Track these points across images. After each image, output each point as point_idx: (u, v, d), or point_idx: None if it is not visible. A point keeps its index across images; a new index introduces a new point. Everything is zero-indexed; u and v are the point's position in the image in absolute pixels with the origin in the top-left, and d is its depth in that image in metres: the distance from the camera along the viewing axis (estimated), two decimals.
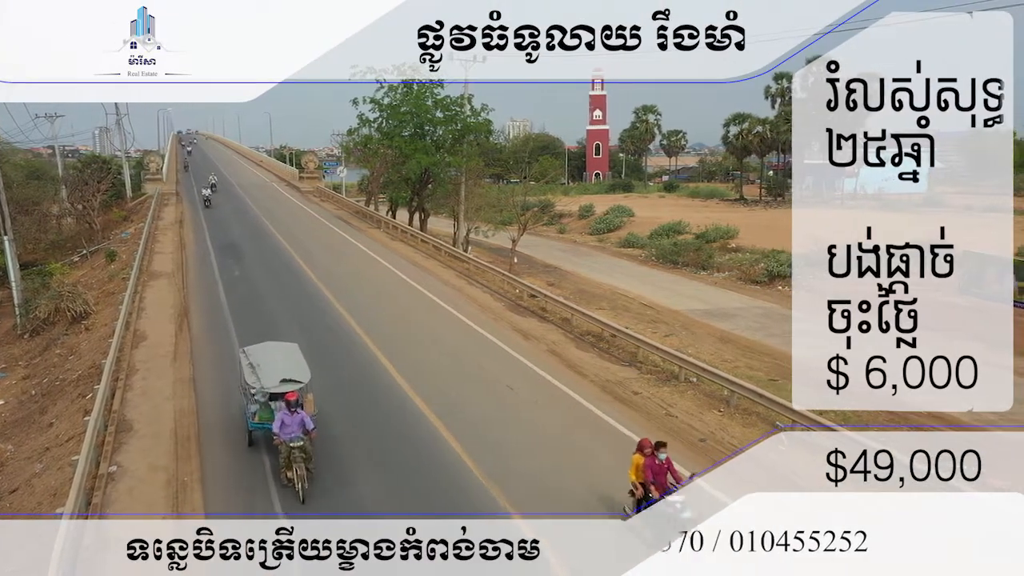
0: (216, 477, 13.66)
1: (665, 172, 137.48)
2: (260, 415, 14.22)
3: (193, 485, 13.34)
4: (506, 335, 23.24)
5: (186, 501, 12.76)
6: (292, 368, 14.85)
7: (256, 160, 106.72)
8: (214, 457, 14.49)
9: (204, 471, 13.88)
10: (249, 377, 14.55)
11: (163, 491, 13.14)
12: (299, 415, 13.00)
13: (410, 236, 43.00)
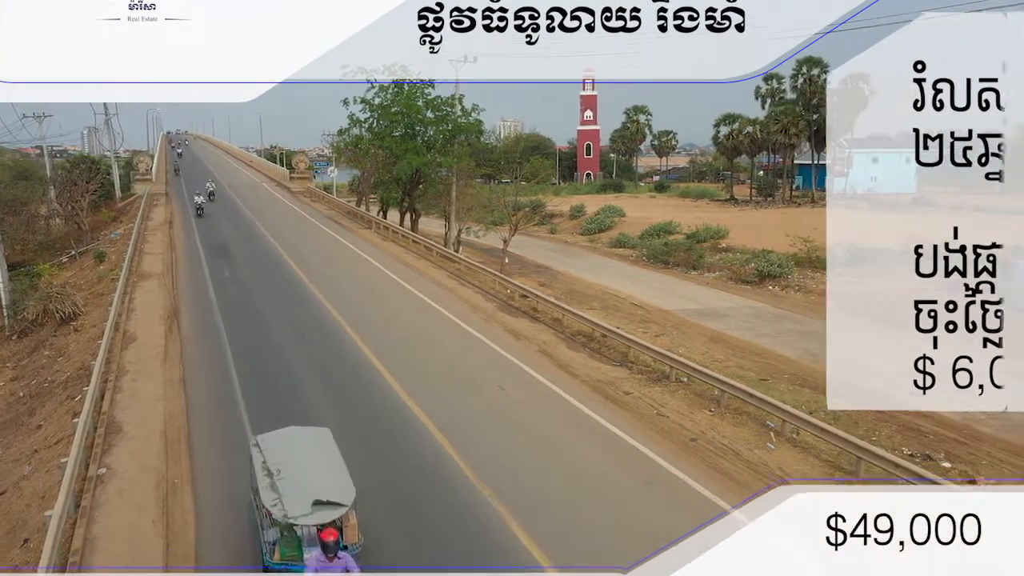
0: (207, 479, 13.61)
1: (656, 172, 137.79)
2: (282, 551, 9.78)
3: (183, 487, 13.29)
4: (497, 335, 23.25)
5: (176, 503, 12.70)
6: (329, 480, 10.14)
7: (246, 160, 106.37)
8: (205, 459, 14.44)
9: (195, 473, 13.83)
10: (266, 494, 9.83)
11: (153, 493, 13.08)
12: (342, 562, 8.77)
13: (401, 237, 42.95)
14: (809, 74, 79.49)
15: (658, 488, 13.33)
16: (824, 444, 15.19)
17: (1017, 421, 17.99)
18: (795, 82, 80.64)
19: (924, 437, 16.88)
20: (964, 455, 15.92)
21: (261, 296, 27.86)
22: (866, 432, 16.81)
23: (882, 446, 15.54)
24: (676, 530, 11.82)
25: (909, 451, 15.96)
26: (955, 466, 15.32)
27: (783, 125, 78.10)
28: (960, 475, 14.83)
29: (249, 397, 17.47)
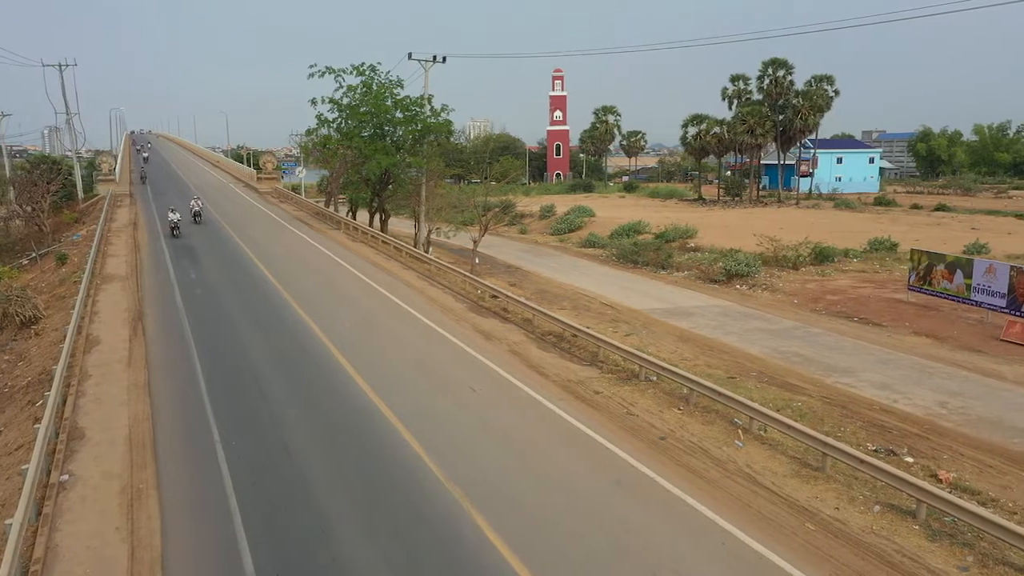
0: (173, 484, 13.41)
1: (625, 172, 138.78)
2: None
3: (149, 492, 13.07)
4: (468, 336, 23.22)
5: (142, 509, 12.50)
6: None
7: (212, 161, 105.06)
8: (171, 464, 14.22)
9: (160, 478, 13.61)
10: None
11: (117, 499, 12.85)
12: None
13: (371, 237, 42.71)
14: (775, 75, 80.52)
15: (628, 487, 13.40)
16: (791, 441, 15.40)
17: (976, 416, 18.40)
18: (761, 83, 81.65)
19: (888, 433, 17.17)
20: (926, 450, 16.21)
21: (228, 298, 27.53)
22: (832, 428, 17.06)
23: (847, 442, 15.79)
24: (646, 529, 11.97)
25: (874, 447, 16.21)
26: (918, 461, 15.60)
27: (749, 126, 78.98)
28: (923, 470, 15.11)
29: (216, 401, 17.24)
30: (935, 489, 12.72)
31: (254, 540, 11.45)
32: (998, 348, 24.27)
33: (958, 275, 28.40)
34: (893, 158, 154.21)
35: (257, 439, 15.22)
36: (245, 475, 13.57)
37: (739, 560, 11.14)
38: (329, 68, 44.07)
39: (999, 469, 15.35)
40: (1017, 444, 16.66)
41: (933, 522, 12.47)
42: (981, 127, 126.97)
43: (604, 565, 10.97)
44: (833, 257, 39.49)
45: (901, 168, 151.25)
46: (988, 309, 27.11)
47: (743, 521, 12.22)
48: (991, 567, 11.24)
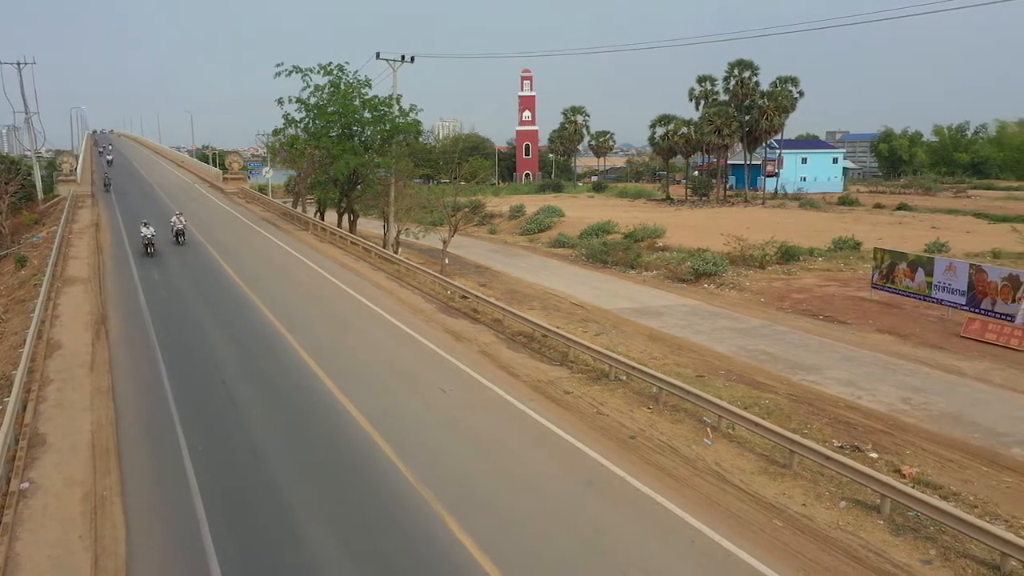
0: (138, 490, 13.18)
1: (594, 172, 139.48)
2: None
3: (113, 499, 12.82)
4: (438, 337, 23.15)
5: (105, 517, 12.26)
6: None
7: (177, 161, 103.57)
8: (136, 470, 13.97)
9: (125, 485, 13.37)
10: None
11: (80, 507, 12.59)
12: None
13: (339, 238, 42.40)
14: (741, 76, 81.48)
15: (599, 486, 13.45)
16: (759, 439, 15.57)
17: (937, 412, 18.78)
18: (727, 84, 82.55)
19: (853, 429, 17.45)
20: (890, 445, 16.51)
21: (194, 301, 27.15)
22: (799, 426, 17.29)
23: (813, 439, 16.02)
24: (616, 528, 12.02)
25: (839, 443, 16.46)
26: (882, 457, 15.87)
27: (716, 126, 79.83)
28: (887, 465, 15.38)
29: (182, 405, 16.99)
30: (899, 484, 12.96)
31: (221, 545, 11.29)
32: (958, 345, 24.80)
33: (920, 273, 28.97)
34: (856, 158, 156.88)
35: (224, 443, 15.02)
36: (212, 480, 13.38)
37: (708, 558, 11.24)
38: (296, 67, 43.70)
39: (960, 464, 15.68)
40: (977, 439, 17.04)
41: (897, 517, 12.70)
42: (941, 128, 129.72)
43: (575, 565, 11.00)
44: (799, 256, 40.06)
45: (864, 168, 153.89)
46: (949, 306, 27.68)
47: (712, 519, 12.33)
48: (953, 560, 11.47)
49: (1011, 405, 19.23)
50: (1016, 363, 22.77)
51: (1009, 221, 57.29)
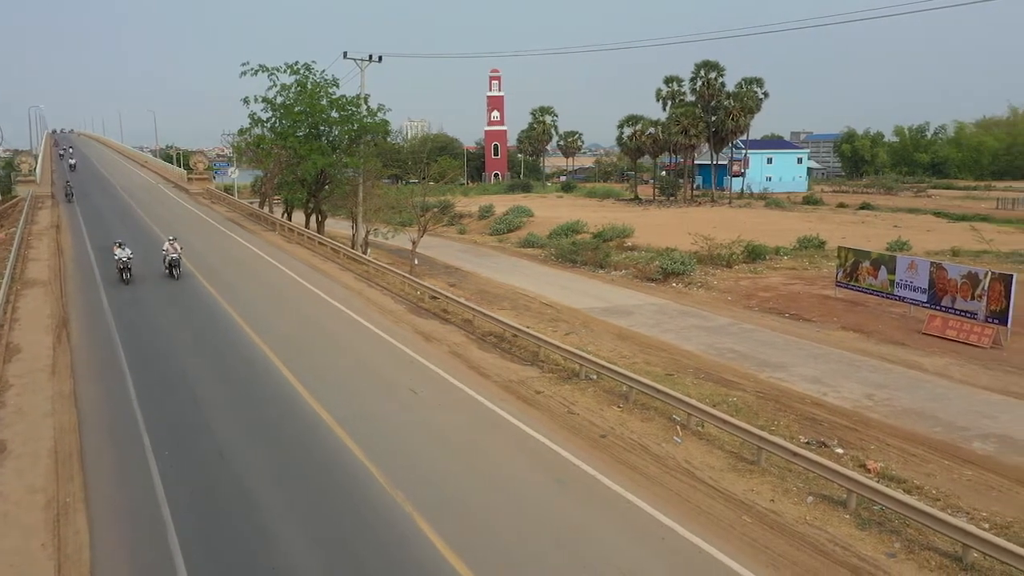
0: (103, 497, 12.92)
1: (563, 172, 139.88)
2: None
3: (76, 506, 12.57)
4: (408, 338, 23.05)
5: (68, 524, 12.01)
6: None
7: (140, 161, 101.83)
8: (100, 476, 13.71)
9: (89, 491, 13.11)
10: None
11: (42, 515, 12.32)
12: None
13: (307, 239, 42.03)
14: (707, 77, 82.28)
15: (571, 485, 13.50)
16: (728, 436, 15.74)
17: (901, 407, 19.15)
18: (694, 85, 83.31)
19: (819, 425, 17.72)
20: (855, 441, 16.79)
21: (159, 303, 26.70)
22: (766, 422, 17.51)
23: (781, 435, 16.23)
24: (588, 527, 12.07)
25: (806, 439, 16.70)
26: (848, 452, 16.14)
27: (683, 126, 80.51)
28: (852, 460, 15.64)
29: (147, 410, 16.70)
30: (864, 479, 13.19)
31: (189, 552, 11.12)
32: (920, 341, 25.30)
33: (882, 271, 29.51)
34: (820, 158, 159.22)
35: (191, 447, 14.79)
36: (179, 485, 13.17)
37: (679, 555, 11.34)
38: (262, 67, 43.19)
39: (923, 458, 16.00)
40: (938, 433, 17.40)
41: (863, 511, 12.92)
42: (901, 129, 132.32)
43: (547, 564, 11.02)
44: (765, 255, 40.56)
45: (828, 168, 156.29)
46: (910, 304, 28.23)
47: (682, 516, 12.44)
48: (917, 552, 11.70)
49: (971, 400, 19.67)
50: (975, 359, 23.29)
51: (967, 220, 58.63)
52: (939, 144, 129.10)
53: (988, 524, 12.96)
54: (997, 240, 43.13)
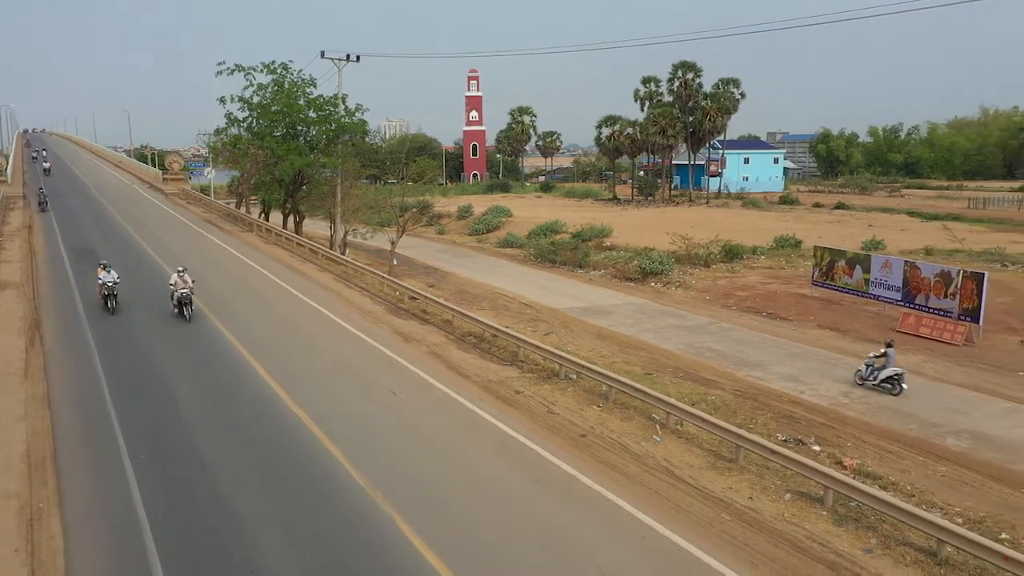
0: (77, 501, 12.74)
1: (541, 172, 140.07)
2: None
3: (50, 511, 12.37)
4: (387, 338, 22.97)
5: (42, 529, 11.82)
6: None
7: (114, 161, 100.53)
8: (74, 480, 13.51)
9: (63, 496, 12.92)
10: None
11: (15, 520, 12.11)
12: None
13: (285, 239, 41.74)
14: (684, 78, 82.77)
15: (551, 485, 13.52)
16: (707, 434, 15.85)
17: (876, 405, 19.37)
18: (671, 85, 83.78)
19: (796, 423, 17.89)
20: (832, 438, 16.97)
21: (135, 305, 26.35)
22: (744, 420, 17.65)
23: (759, 433, 16.37)
24: (568, 526, 12.10)
25: (783, 437, 16.86)
26: (824, 449, 16.31)
27: (661, 127, 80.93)
28: (829, 458, 15.81)
29: (123, 412, 16.48)
30: (840, 476, 13.34)
31: (166, 555, 11.00)
32: (894, 339, 25.60)
33: (857, 270, 29.86)
34: (796, 158, 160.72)
35: (168, 450, 14.63)
36: (155, 489, 13.01)
37: (658, 553, 11.39)
38: (239, 66, 42.84)
39: (898, 454, 16.21)
40: (913, 430, 17.64)
41: (839, 507, 13.06)
42: (876, 129, 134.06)
43: (528, 564, 11.02)
44: (742, 254, 40.90)
45: (803, 168, 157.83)
46: (885, 302, 28.59)
47: (662, 514, 12.50)
48: (893, 548, 11.84)
49: (944, 397, 19.96)
50: (948, 356, 23.64)
51: (940, 219, 59.47)
52: (912, 144, 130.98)
53: (962, 519, 13.16)
54: (969, 239, 43.78)
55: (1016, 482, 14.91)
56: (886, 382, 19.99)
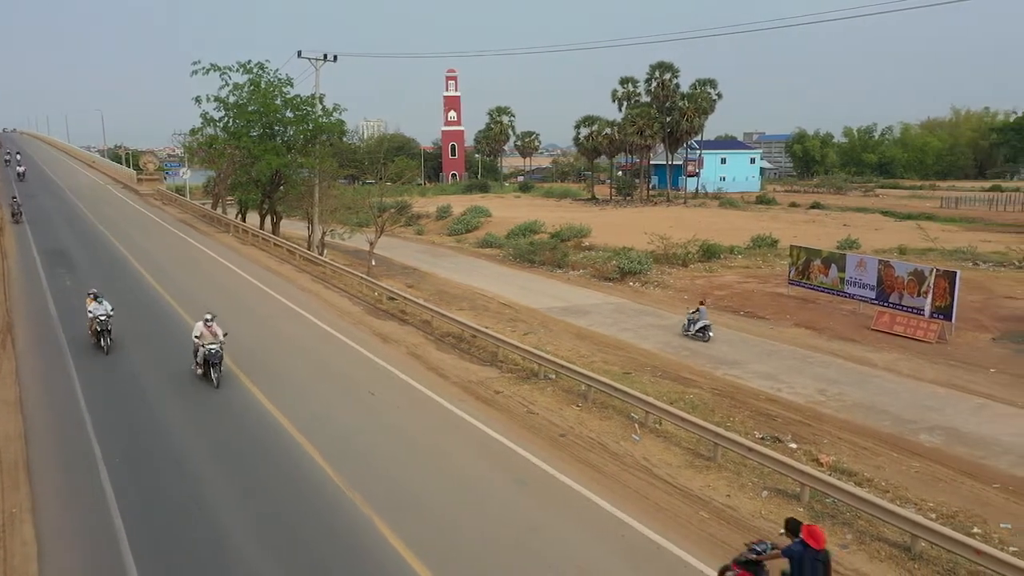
0: (50, 506, 12.57)
1: (520, 172, 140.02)
2: None
3: (23, 517, 12.20)
4: (366, 339, 22.88)
5: (15, 535, 11.65)
6: None
7: (87, 161, 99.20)
8: (47, 484, 13.32)
9: (36, 500, 12.74)
10: None
11: None
12: None
13: (262, 240, 41.44)
14: (662, 78, 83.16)
15: (531, 485, 13.54)
16: (685, 433, 15.95)
17: (851, 402, 19.61)
18: (649, 86, 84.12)
19: (773, 421, 18.05)
20: (808, 436, 17.15)
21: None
22: (722, 419, 17.77)
23: (736, 431, 16.49)
24: (548, 526, 12.13)
25: (760, 435, 17.00)
26: (801, 446, 16.48)
27: (639, 127, 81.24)
28: (805, 455, 15.97)
29: (97, 417, 16.28)
30: (817, 473, 13.48)
31: (142, 560, 10.88)
32: (869, 337, 25.94)
33: (833, 269, 30.19)
34: (772, 158, 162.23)
35: (144, 454, 14.47)
36: (131, 493, 12.87)
37: (638, 551, 11.45)
38: (214, 65, 42.44)
39: (873, 451, 16.41)
40: (887, 427, 17.87)
41: (816, 504, 13.21)
42: (850, 130, 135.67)
43: (509, 564, 11.04)
44: (719, 254, 41.18)
45: (779, 168, 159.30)
46: (860, 300, 28.92)
47: (641, 513, 12.57)
48: (868, 543, 12.00)
49: (918, 394, 20.24)
50: (921, 354, 23.97)
51: (913, 219, 60.28)
52: (886, 145, 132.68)
53: (935, 514, 13.35)
54: (941, 238, 44.43)
55: (988, 477, 15.16)
56: (699, 332, 25.42)
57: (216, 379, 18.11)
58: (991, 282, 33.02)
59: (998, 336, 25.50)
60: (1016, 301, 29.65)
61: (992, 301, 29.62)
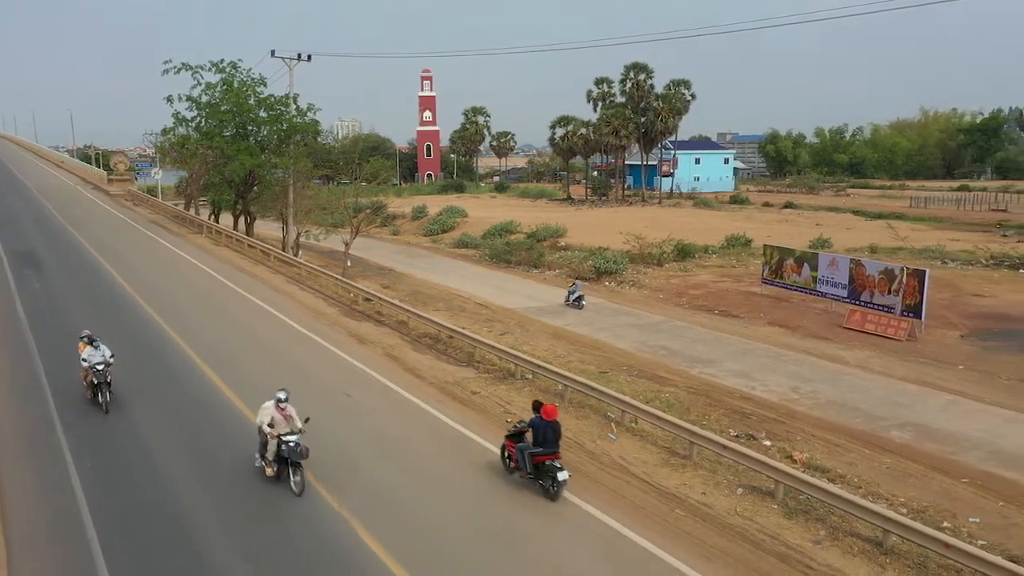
0: (21, 508, 12.35)
1: (496, 173, 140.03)
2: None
3: None
4: (341, 341, 22.76)
5: None
6: None
7: (56, 161, 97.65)
8: (16, 488, 13.09)
9: (4, 505, 12.52)
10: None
11: None
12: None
13: (236, 241, 41.05)
14: (636, 79, 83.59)
15: (509, 487, 13.55)
16: (661, 431, 16.06)
17: (824, 399, 19.86)
18: (624, 86, 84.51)
19: (748, 419, 18.23)
20: (782, 433, 17.34)
21: (79, 314, 25.62)
22: (697, 417, 17.92)
23: (711, 429, 16.64)
24: (527, 527, 12.16)
25: (735, 433, 17.17)
26: (775, 444, 16.66)
27: (614, 127, 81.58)
28: (779, 452, 16.15)
29: (66, 418, 16.03)
30: (790, 470, 13.65)
31: (114, 563, 10.74)
32: (841, 335, 26.29)
33: (805, 268, 30.54)
34: (745, 159, 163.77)
35: (116, 459, 14.28)
36: (102, 495, 12.69)
37: (614, 550, 11.52)
38: (186, 65, 41.94)
39: (845, 447, 16.64)
40: (859, 423, 18.12)
41: (790, 500, 13.36)
42: (822, 130, 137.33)
43: (486, 565, 11.05)
44: (694, 253, 41.48)
45: (753, 168, 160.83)
46: (832, 299, 29.29)
47: (617, 512, 12.64)
48: (841, 538, 12.17)
49: (889, 391, 20.54)
50: (892, 351, 24.33)
51: (884, 218, 61.17)
52: (857, 145, 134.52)
53: (906, 509, 13.57)
54: (911, 237, 45.13)
55: (957, 472, 15.44)
56: (575, 301, 30.76)
57: (297, 485, 12.96)
58: (959, 280, 33.61)
59: (966, 333, 25.97)
60: (983, 299, 30.21)
61: (960, 299, 30.15)
